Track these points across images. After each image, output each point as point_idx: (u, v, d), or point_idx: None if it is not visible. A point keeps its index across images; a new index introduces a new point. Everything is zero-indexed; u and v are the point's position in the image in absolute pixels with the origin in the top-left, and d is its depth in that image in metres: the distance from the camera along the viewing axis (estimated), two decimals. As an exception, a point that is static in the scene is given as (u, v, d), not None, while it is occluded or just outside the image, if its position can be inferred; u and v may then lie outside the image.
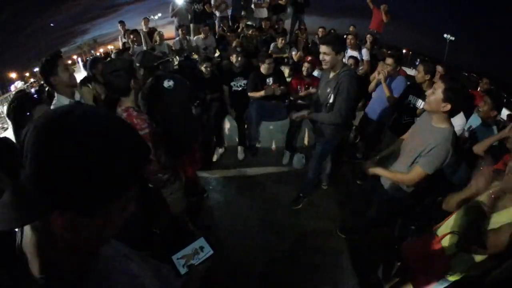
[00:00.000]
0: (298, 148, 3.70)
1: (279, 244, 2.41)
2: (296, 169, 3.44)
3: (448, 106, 1.48)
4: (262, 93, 3.31)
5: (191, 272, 0.84)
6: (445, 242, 1.37)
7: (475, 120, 2.34)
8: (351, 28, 5.70)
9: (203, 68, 3.32)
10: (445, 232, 1.38)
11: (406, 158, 1.74)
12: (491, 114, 2.18)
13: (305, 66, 3.45)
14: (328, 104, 2.22)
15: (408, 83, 2.91)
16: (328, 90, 2.21)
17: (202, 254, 0.87)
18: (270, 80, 3.41)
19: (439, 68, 3.14)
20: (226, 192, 3.07)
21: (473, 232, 1.22)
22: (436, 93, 1.51)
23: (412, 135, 1.83)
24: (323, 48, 2.06)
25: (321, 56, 2.11)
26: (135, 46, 4.69)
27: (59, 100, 1.81)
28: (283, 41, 5.00)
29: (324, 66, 2.17)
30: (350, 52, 4.49)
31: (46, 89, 2.34)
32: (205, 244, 0.89)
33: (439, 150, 1.52)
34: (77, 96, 1.92)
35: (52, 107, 1.76)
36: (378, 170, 1.83)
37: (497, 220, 1.16)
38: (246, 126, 3.54)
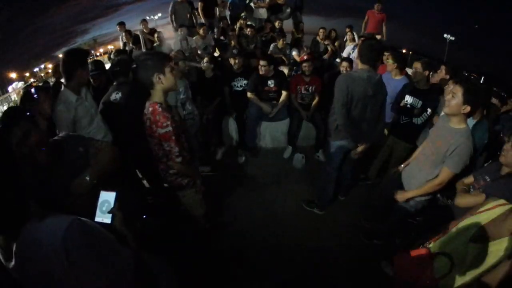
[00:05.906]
0: (298, 148, 3.70)
1: (279, 244, 2.41)
2: (296, 169, 3.44)
3: (468, 108, 1.57)
4: (260, 103, 3.41)
5: (115, 216, 0.98)
6: (437, 262, 1.32)
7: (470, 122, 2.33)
8: (347, 30, 5.70)
9: (204, 65, 3.29)
10: (438, 251, 1.34)
11: (429, 163, 1.81)
12: (479, 112, 2.15)
13: (304, 65, 3.37)
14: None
15: (404, 83, 2.86)
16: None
17: (110, 200, 0.99)
18: (271, 83, 3.40)
19: (442, 69, 3.06)
20: (225, 192, 3.07)
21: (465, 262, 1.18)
22: (456, 97, 1.58)
23: (431, 140, 1.86)
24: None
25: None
26: (133, 50, 4.84)
27: (66, 95, 1.87)
28: (283, 42, 5.00)
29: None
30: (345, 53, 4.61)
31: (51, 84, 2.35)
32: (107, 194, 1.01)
33: (462, 150, 1.60)
34: (83, 92, 1.98)
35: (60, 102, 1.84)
36: (407, 194, 1.90)
37: (495, 249, 1.12)
38: (246, 126, 3.54)
